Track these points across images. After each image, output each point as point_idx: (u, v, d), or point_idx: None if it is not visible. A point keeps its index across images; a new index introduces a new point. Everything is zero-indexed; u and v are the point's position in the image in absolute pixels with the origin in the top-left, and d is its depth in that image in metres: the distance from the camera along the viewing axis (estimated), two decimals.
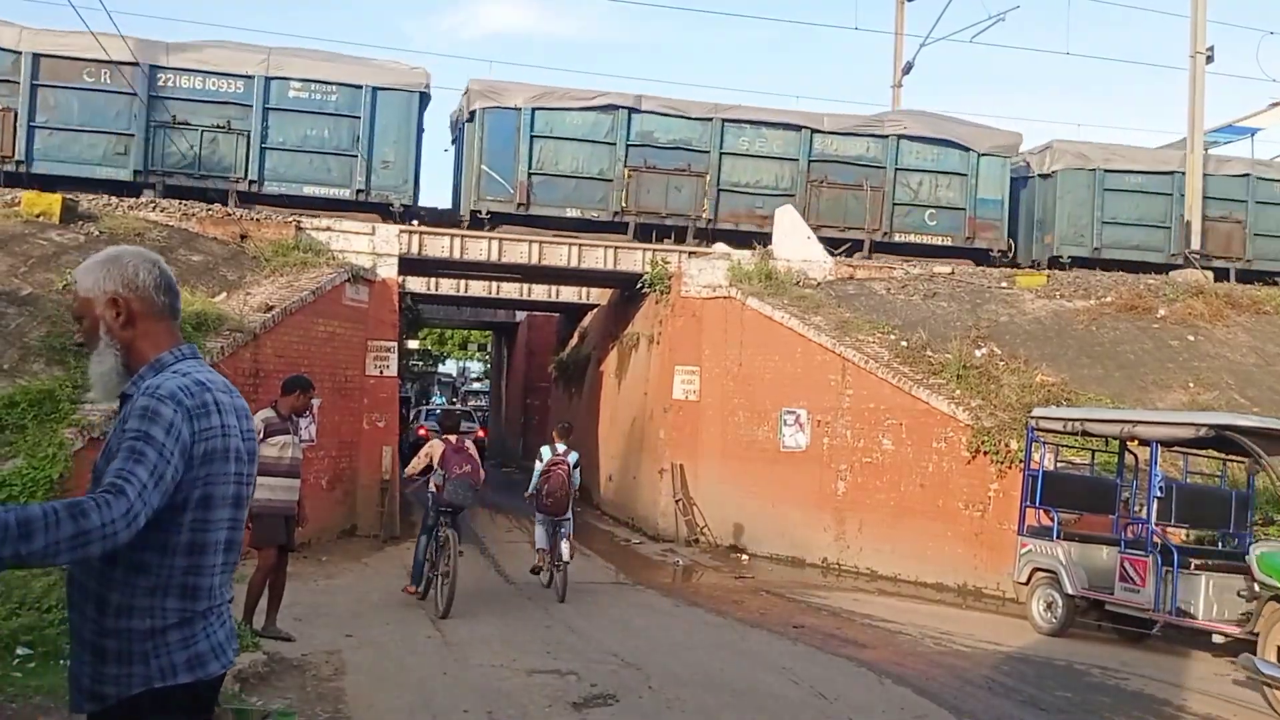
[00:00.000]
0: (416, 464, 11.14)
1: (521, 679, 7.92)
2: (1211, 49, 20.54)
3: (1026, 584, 11.71)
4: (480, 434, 25.47)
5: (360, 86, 17.71)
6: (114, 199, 16.14)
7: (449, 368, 70.11)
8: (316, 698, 6.98)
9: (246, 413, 2.87)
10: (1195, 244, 20.01)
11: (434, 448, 10.88)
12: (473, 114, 18.45)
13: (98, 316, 2.78)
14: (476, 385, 51.65)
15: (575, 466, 11.98)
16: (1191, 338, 16.87)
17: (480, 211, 18.26)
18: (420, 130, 18.47)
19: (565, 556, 11.65)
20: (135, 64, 16.47)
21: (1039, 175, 21.02)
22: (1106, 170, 20.62)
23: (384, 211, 17.84)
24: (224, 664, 2.76)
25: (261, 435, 8.56)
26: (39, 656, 6.65)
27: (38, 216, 14.45)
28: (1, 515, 2.30)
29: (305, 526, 9.24)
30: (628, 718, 7.10)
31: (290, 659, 7.81)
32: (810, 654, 9.52)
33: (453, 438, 11.02)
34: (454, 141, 20.22)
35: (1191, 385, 15.47)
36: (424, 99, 18.35)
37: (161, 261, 2.89)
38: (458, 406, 36.32)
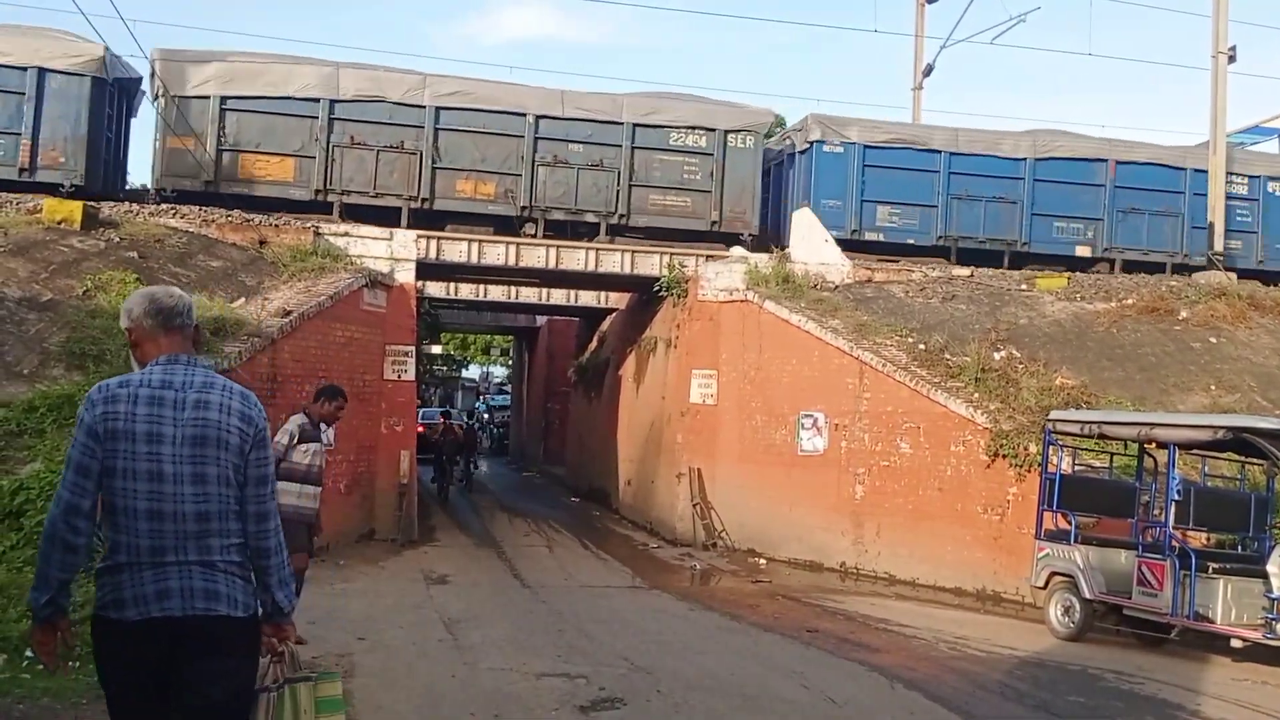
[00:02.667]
0: None
1: (530, 682, 7.93)
2: (1234, 49, 20.32)
3: (1044, 588, 11.61)
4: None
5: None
6: (135, 205, 16.31)
7: (472, 373, 70.34)
8: None
9: (204, 405, 3.49)
10: (1218, 246, 19.80)
11: None
12: None
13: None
14: (498, 398, 51.72)
15: None
16: (1213, 340, 16.71)
17: None
18: None
19: None
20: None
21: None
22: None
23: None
24: (141, 613, 3.35)
25: (296, 440, 8.56)
26: None
27: (59, 223, 14.62)
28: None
29: (319, 535, 9.18)
30: None
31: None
32: (823, 658, 9.48)
33: None
34: None
35: (1213, 388, 15.31)
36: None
37: (158, 291, 3.70)
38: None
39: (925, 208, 19.55)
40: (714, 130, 18.69)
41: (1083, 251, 19.90)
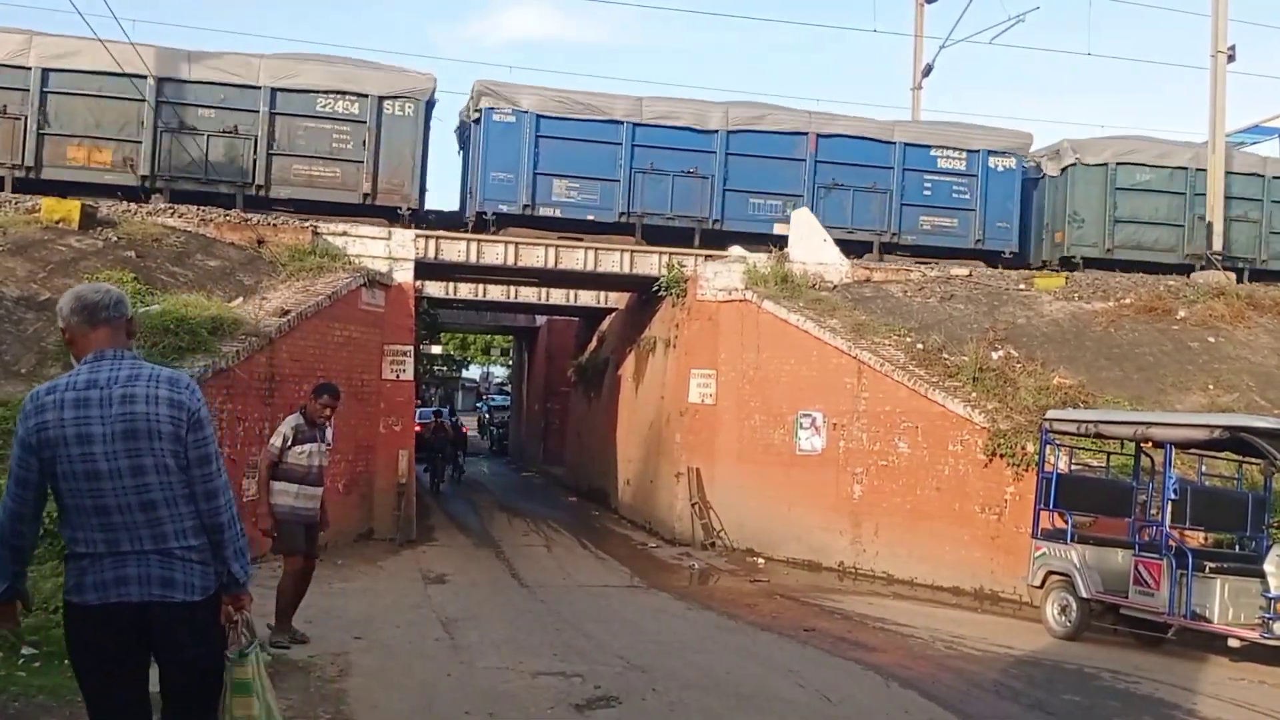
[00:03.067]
0: None
1: (526, 681, 7.93)
2: (1233, 48, 20.33)
3: (1041, 587, 11.61)
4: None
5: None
6: (133, 205, 16.32)
7: (472, 373, 70.35)
8: (319, 699, 7.00)
9: (130, 399, 3.63)
10: (1217, 245, 19.80)
11: None
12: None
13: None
14: (498, 398, 51.94)
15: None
16: (1212, 339, 16.70)
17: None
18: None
19: None
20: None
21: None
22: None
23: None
24: (100, 598, 3.59)
25: (290, 442, 8.56)
26: (44, 656, 6.72)
27: (57, 222, 14.62)
28: None
29: (326, 530, 9.25)
30: (629, 719, 7.09)
31: (295, 660, 7.84)
32: (819, 657, 9.49)
33: None
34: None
35: (1211, 387, 15.31)
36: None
37: (83, 289, 3.84)
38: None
39: (607, 182, 18.63)
40: (366, 96, 17.80)
41: (782, 229, 18.68)
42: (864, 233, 19.50)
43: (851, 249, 18.95)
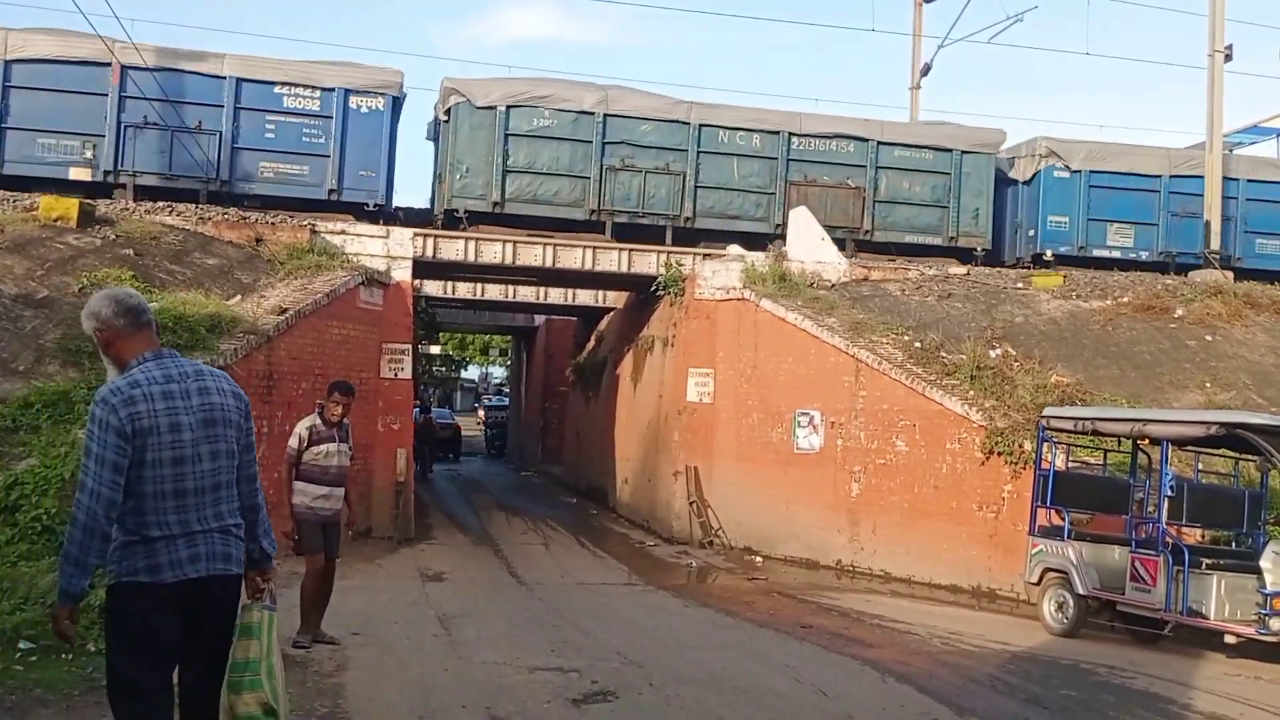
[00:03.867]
0: None
1: (523, 676, 7.95)
2: (1230, 48, 20.36)
3: (1038, 584, 11.64)
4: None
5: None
6: (133, 203, 16.32)
7: (471, 373, 70.36)
8: (316, 693, 7.02)
9: (208, 390, 4.07)
10: (1214, 244, 19.83)
11: None
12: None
13: (97, 346, 4.15)
14: (496, 399, 52.15)
15: None
16: (1209, 338, 16.72)
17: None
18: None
19: None
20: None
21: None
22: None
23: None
24: (176, 575, 3.88)
25: (306, 442, 8.56)
26: (41, 651, 6.74)
27: (55, 220, 14.63)
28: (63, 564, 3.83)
29: (354, 529, 9.26)
30: (626, 714, 7.10)
31: (293, 655, 7.85)
32: (816, 653, 9.50)
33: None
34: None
35: (1208, 385, 15.33)
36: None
37: (119, 293, 4.12)
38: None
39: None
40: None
41: (80, 175, 16.93)
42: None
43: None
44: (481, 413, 51.26)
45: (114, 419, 3.83)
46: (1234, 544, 11.64)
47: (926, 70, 26.79)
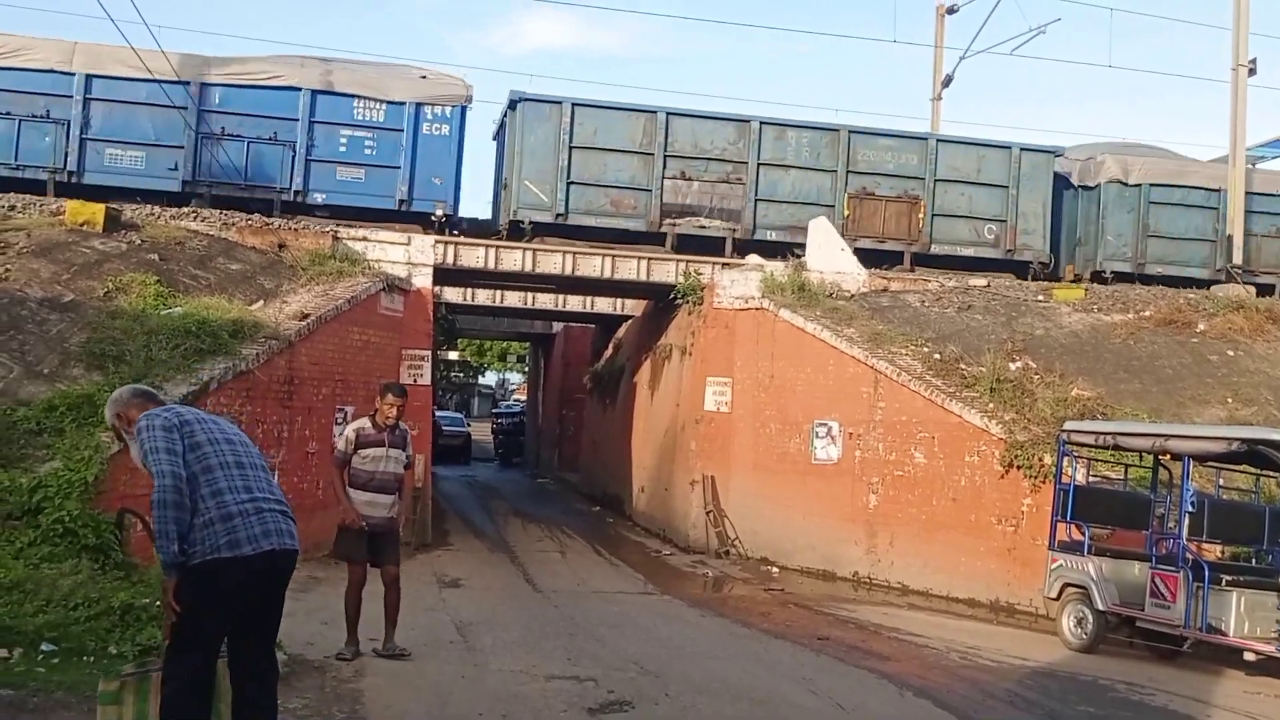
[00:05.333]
0: None
1: (540, 684, 7.97)
2: (1254, 61, 20.24)
3: (1057, 599, 11.57)
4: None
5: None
6: (157, 208, 16.47)
7: (489, 379, 70.51)
8: (334, 698, 7.06)
9: (218, 421, 5.00)
10: (1237, 259, 19.71)
11: None
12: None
13: (118, 429, 5.05)
14: (504, 405, 52.42)
15: None
16: (1231, 353, 16.63)
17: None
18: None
19: None
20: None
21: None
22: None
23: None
24: (254, 548, 4.56)
25: (354, 446, 8.24)
26: (63, 653, 6.79)
27: (81, 225, 14.77)
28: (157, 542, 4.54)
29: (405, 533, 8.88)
30: None
31: (312, 661, 7.89)
32: (833, 665, 9.48)
33: None
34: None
35: (1230, 400, 15.24)
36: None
37: (132, 387, 5.23)
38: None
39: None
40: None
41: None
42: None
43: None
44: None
45: (159, 420, 4.64)
46: (1254, 560, 11.56)
47: (948, 81, 26.74)
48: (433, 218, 17.96)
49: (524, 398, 56.69)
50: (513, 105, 18.59)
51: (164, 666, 4.60)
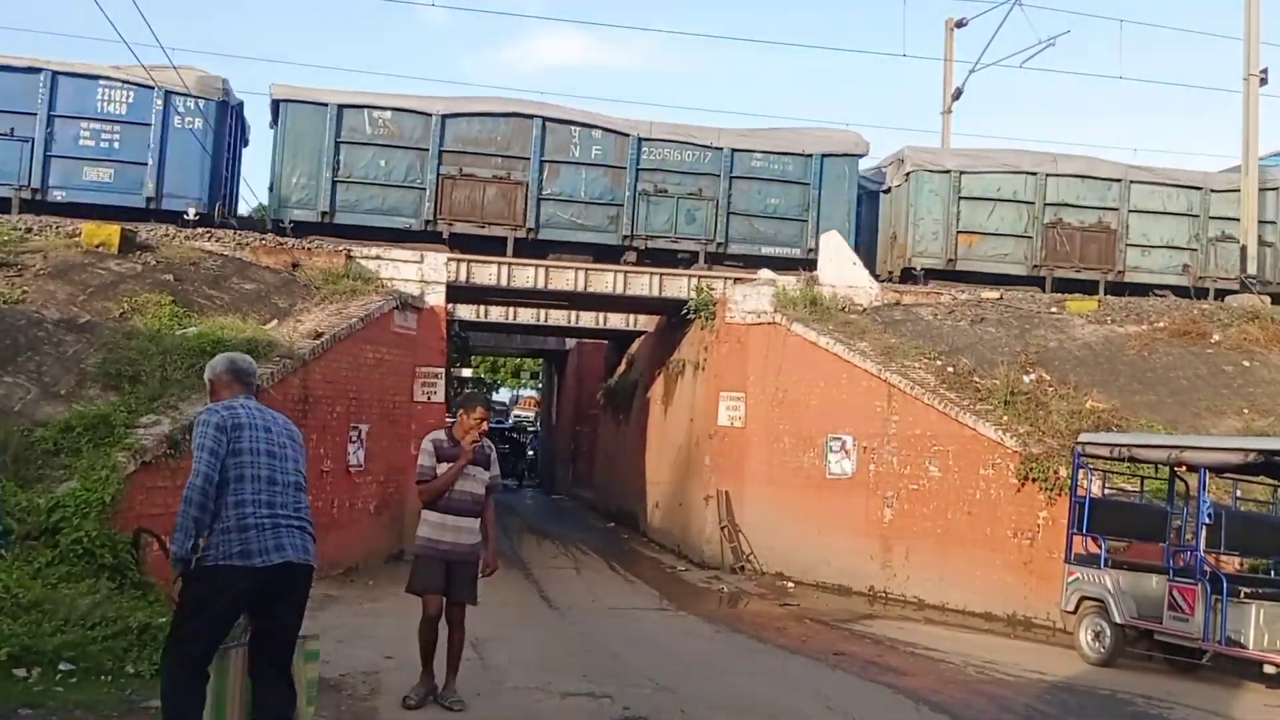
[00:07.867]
0: None
1: (555, 701, 7.96)
2: (1265, 71, 20.23)
3: (1074, 613, 11.50)
4: None
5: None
6: (171, 228, 16.56)
7: (502, 396, 70.60)
8: (351, 716, 7.08)
9: (280, 423, 5.31)
10: (1251, 268, 19.65)
11: None
12: None
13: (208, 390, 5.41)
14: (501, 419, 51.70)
15: None
16: (1247, 363, 16.54)
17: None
18: None
19: None
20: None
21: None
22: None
23: None
24: (264, 560, 4.81)
25: (435, 460, 7.39)
26: (81, 672, 6.82)
27: (97, 246, 14.89)
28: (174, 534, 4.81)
29: (489, 574, 7.76)
30: None
31: (328, 679, 7.89)
32: (848, 680, 9.45)
33: None
34: None
35: (1246, 411, 15.15)
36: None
37: (233, 356, 5.48)
38: None
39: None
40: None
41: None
42: None
43: None
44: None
45: (214, 418, 4.92)
46: (1273, 572, 11.48)
47: (958, 95, 26.80)
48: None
49: (521, 413, 56.66)
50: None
51: (162, 657, 4.91)
